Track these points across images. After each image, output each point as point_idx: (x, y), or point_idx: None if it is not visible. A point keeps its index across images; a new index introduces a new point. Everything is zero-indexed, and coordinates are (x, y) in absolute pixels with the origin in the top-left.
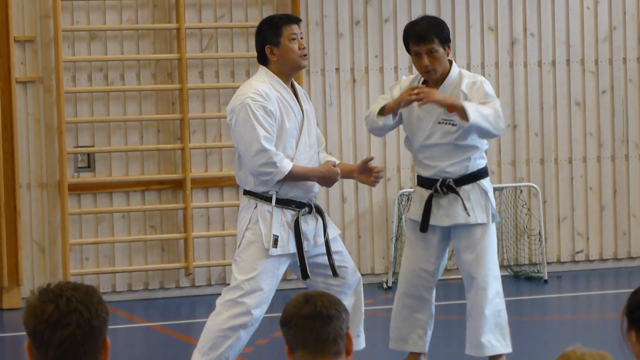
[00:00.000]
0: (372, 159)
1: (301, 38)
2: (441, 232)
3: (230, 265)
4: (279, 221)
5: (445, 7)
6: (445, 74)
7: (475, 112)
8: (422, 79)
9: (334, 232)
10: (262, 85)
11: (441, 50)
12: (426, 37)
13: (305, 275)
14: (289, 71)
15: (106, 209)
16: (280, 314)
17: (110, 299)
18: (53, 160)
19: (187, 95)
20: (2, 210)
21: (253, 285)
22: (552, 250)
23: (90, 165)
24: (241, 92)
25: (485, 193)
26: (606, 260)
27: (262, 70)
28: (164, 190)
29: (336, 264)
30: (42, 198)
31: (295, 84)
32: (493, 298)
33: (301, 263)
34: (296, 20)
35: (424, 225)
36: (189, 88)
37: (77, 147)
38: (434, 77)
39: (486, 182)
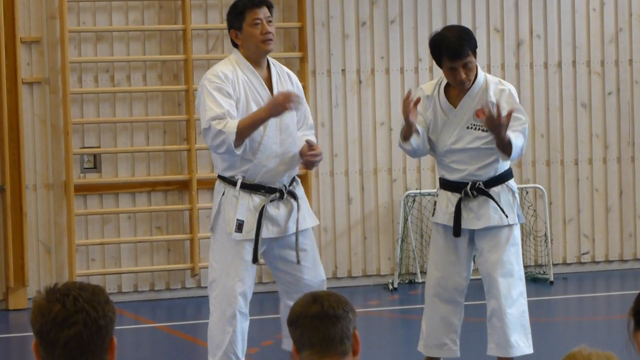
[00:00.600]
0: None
1: (269, 22)
2: (469, 235)
3: None
4: (246, 206)
5: (451, 8)
6: (474, 78)
7: (517, 150)
8: (444, 83)
9: (309, 222)
10: (225, 67)
11: (474, 60)
12: (462, 52)
13: (255, 259)
14: (254, 55)
15: (112, 210)
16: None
17: (116, 299)
18: (59, 161)
19: (193, 96)
20: (9, 211)
21: (226, 272)
22: (557, 251)
23: (96, 166)
24: (204, 75)
25: (513, 193)
26: (612, 261)
27: (233, 53)
28: (170, 191)
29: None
30: (48, 199)
31: (277, 65)
32: (518, 298)
33: (255, 246)
34: (261, 4)
35: (457, 229)
36: (195, 89)
37: (83, 148)
38: (467, 87)
39: (513, 183)
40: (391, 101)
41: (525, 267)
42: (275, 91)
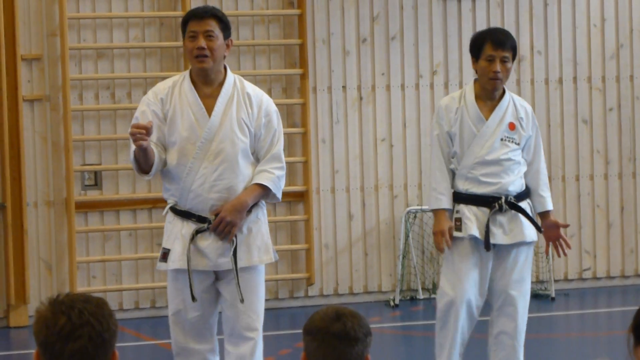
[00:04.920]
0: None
1: (209, 37)
2: (494, 251)
3: None
4: (176, 234)
5: (452, 24)
6: (502, 93)
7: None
8: (468, 96)
9: (255, 259)
10: (165, 84)
11: (511, 63)
12: (505, 43)
13: (192, 296)
14: (195, 71)
15: (113, 227)
16: (284, 330)
17: (117, 316)
18: (60, 178)
19: None
20: (9, 228)
21: (170, 311)
22: (559, 267)
23: (97, 183)
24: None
25: (532, 211)
26: (613, 277)
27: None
28: None
29: (228, 297)
30: (49, 216)
31: (240, 86)
32: (525, 315)
33: (189, 280)
34: (204, 16)
35: (489, 243)
36: None
37: (84, 165)
38: (499, 86)
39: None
40: (392, 118)
41: None
42: (215, 112)
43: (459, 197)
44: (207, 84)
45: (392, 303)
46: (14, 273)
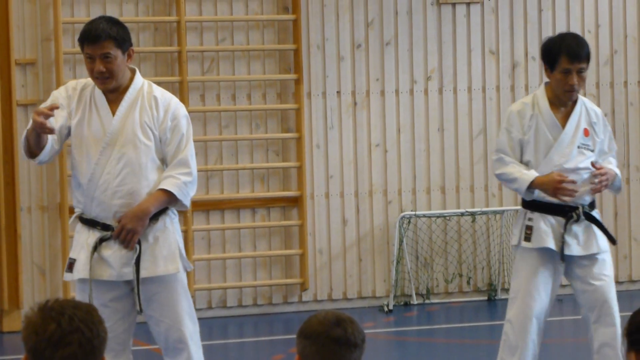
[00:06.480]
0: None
1: (105, 58)
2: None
3: (232, 288)
4: (82, 243)
5: (446, 30)
6: (575, 99)
7: (619, 178)
8: (541, 102)
9: (161, 269)
10: (78, 83)
11: (586, 72)
12: (581, 55)
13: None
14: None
15: None
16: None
17: None
18: (54, 183)
19: None
20: (3, 233)
21: None
22: None
23: None
24: None
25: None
26: None
27: None
28: None
29: (153, 313)
30: (42, 221)
31: (147, 90)
32: (619, 318)
33: (89, 290)
34: (94, 40)
35: (563, 254)
36: (190, 111)
37: None
38: (575, 97)
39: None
40: (386, 123)
41: None
42: (116, 116)
43: (534, 205)
44: (112, 91)
45: (386, 308)
46: (7, 278)
